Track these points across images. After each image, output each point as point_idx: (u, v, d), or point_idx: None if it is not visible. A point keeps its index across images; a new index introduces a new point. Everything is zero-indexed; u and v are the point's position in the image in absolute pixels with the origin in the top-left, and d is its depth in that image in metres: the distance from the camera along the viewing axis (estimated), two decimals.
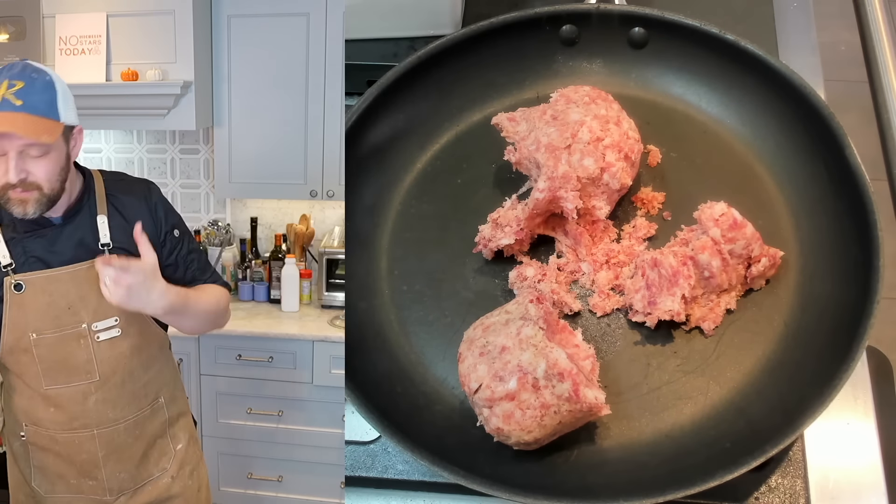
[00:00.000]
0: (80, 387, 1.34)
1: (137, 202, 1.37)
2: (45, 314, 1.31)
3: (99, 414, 1.36)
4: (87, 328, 1.32)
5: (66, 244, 1.32)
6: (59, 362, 1.33)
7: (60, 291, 1.31)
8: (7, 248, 1.30)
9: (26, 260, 1.31)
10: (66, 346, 1.32)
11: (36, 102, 1.20)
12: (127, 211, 1.36)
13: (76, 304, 1.31)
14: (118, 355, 1.36)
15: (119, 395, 1.37)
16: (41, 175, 1.23)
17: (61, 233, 1.32)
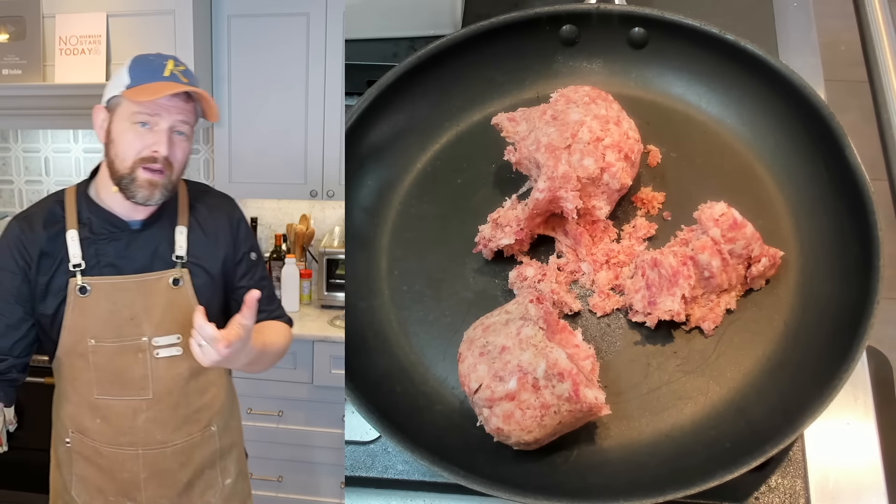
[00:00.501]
0: (132, 402, 1.28)
1: (220, 218, 1.33)
2: (106, 322, 1.25)
3: (147, 434, 1.30)
4: (147, 342, 1.27)
5: (141, 251, 1.27)
6: (113, 373, 1.27)
7: (125, 300, 1.26)
8: (80, 249, 1.24)
9: (97, 263, 1.25)
10: (124, 357, 1.27)
11: (197, 84, 1.22)
12: (208, 225, 1.31)
13: (139, 315, 1.26)
14: (175, 375, 1.29)
15: (170, 417, 1.31)
16: (180, 155, 1.22)
17: (137, 238, 1.27)
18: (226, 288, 1.34)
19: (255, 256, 1.36)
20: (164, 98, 1.18)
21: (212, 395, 1.36)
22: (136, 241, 1.27)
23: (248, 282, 1.34)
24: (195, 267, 1.29)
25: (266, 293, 1.35)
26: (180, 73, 1.20)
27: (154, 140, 1.19)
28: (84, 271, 1.25)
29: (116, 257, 1.26)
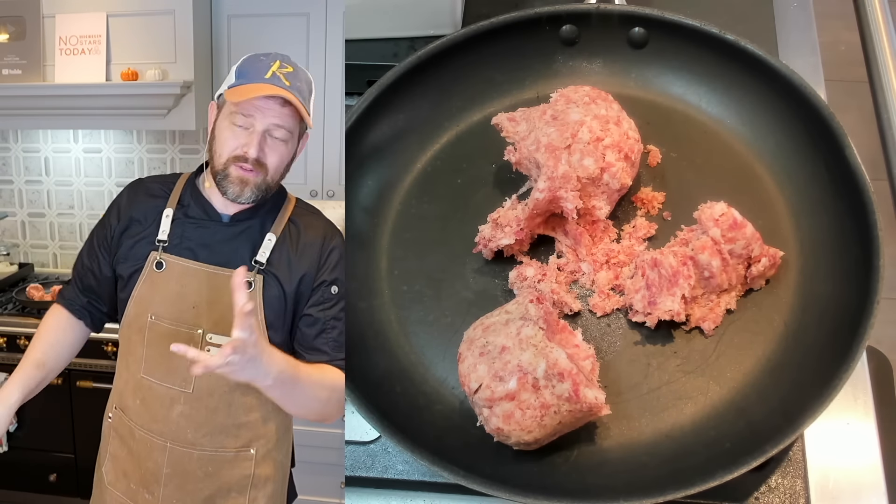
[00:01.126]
0: (171, 391, 1.27)
1: (314, 238, 1.29)
2: (170, 303, 1.26)
3: (178, 428, 1.27)
4: (201, 334, 1.25)
5: (223, 245, 1.26)
6: (162, 355, 1.25)
7: (193, 287, 1.25)
8: (170, 227, 1.28)
9: (180, 242, 1.27)
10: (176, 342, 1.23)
11: (301, 89, 1.20)
12: (299, 242, 1.28)
13: (202, 305, 1.25)
14: (219, 379, 1.20)
15: (205, 419, 1.27)
16: (274, 159, 1.21)
17: (223, 231, 1.27)
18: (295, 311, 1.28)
19: (335, 290, 1.27)
20: (260, 100, 1.18)
21: (259, 417, 1.30)
22: (222, 233, 1.27)
23: (316, 311, 1.27)
24: (271, 277, 1.25)
25: (333, 335, 1.28)
26: (283, 76, 1.19)
27: (247, 140, 1.19)
28: (166, 248, 1.27)
29: (198, 244, 1.27)
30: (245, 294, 1.07)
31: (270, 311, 1.25)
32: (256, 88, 1.17)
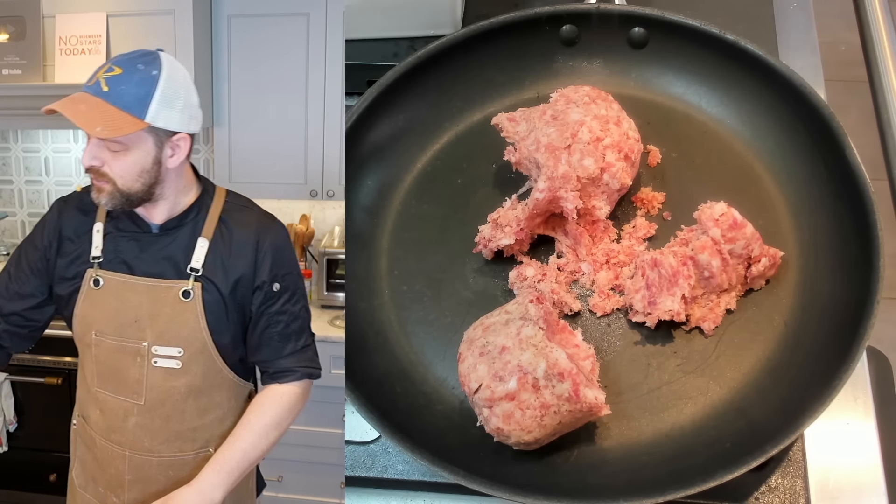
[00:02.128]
0: (124, 403, 1.27)
1: (246, 237, 1.26)
2: (110, 319, 1.25)
3: (135, 438, 1.28)
4: (146, 347, 1.24)
5: (156, 256, 1.24)
6: (111, 370, 1.26)
7: (132, 302, 1.24)
8: (102, 242, 1.25)
9: (114, 258, 1.25)
10: (122, 358, 1.25)
11: (122, 94, 1.12)
12: (231, 244, 1.25)
13: (143, 319, 1.24)
14: (170, 388, 1.25)
15: (161, 428, 1.27)
16: (115, 170, 1.16)
17: (154, 243, 1.24)
18: (244, 312, 1.28)
19: (277, 287, 1.26)
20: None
21: (214, 418, 1.30)
22: (154, 244, 1.25)
23: (258, 311, 1.27)
24: (209, 282, 1.23)
25: (281, 329, 1.28)
26: (104, 80, 1.13)
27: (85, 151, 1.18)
28: (101, 264, 1.25)
29: (132, 256, 1.25)
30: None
31: (212, 317, 1.24)
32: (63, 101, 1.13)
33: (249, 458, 1.26)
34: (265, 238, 1.27)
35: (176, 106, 1.18)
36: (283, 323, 1.28)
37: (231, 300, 1.25)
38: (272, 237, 1.28)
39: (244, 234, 1.26)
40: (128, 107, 1.13)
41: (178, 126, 1.18)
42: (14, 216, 3.08)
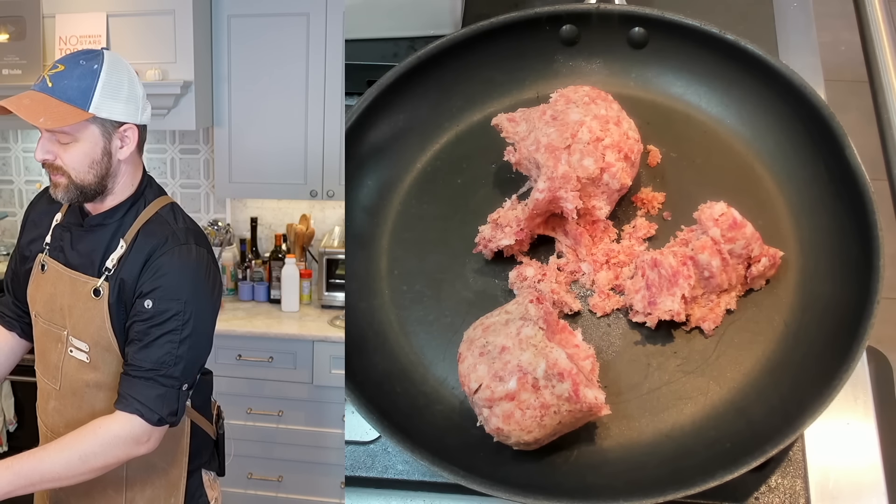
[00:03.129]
0: (47, 386, 1.33)
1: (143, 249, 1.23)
2: (45, 303, 1.31)
3: (54, 421, 1.32)
4: (66, 335, 1.28)
5: (82, 250, 1.27)
6: (42, 351, 1.33)
7: (60, 289, 1.28)
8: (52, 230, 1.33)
9: (56, 246, 1.31)
10: (48, 341, 1.31)
11: (65, 88, 1.17)
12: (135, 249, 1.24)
13: (65, 309, 1.27)
14: (80, 380, 1.28)
15: (73, 416, 1.29)
16: (67, 161, 1.20)
17: (82, 237, 1.28)
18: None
19: (148, 304, 1.20)
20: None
21: None
22: (83, 238, 1.28)
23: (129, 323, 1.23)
24: (117, 282, 1.23)
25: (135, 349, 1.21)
26: (48, 77, 1.18)
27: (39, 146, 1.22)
28: (49, 252, 1.32)
29: (66, 246, 1.30)
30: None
31: (115, 316, 1.24)
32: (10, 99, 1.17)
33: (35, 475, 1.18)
34: (161, 251, 1.22)
35: (119, 97, 1.21)
36: (141, 344, 1.21)
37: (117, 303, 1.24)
38: (167, 256, 1.22)
39: (146, 242, 1.24)
40: (71, 99, 1.17)
41: (123, 116, 1.22)
42: (14, 216, 3.08)
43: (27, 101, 1.17)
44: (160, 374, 1.21)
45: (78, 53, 1.21)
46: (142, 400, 1.20)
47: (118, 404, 1.22)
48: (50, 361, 1.31)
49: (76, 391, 1.29)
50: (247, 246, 2.95)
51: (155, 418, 1.21)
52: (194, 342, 1.24)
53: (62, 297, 1.28)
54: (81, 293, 1.26)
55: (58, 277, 1.29)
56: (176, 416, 1.24)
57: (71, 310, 1.27)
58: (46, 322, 1.31)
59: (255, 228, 2.94)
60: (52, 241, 1.32)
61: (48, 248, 1.32)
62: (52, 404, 1.32)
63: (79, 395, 1.29)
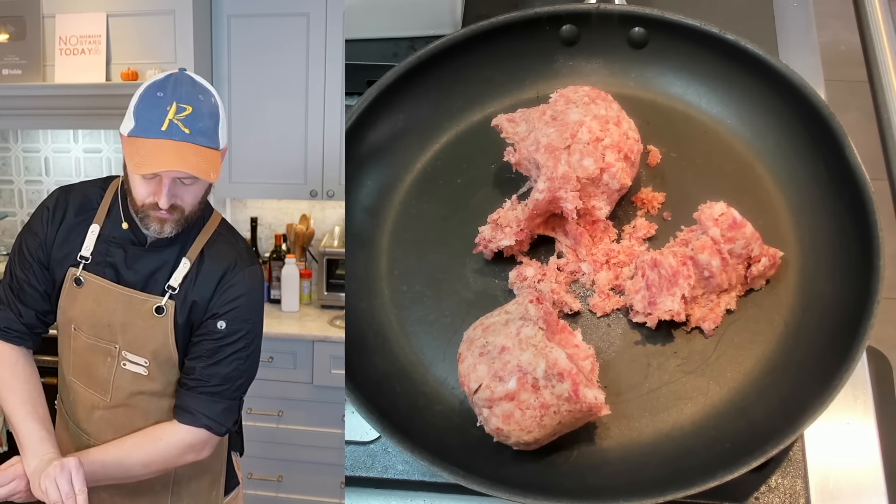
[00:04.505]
0: (93, 397, 1.30)
1: (213, 272, 1.25)
2: (87, 318, 1.27)
3: (99, 429, 1.31)
4: (117, 350, 1.27)
5: (142, 268, 1.26)
6: (84, 364, 1.30)
7: (108, 307, 1.26)
8: (94, 244, 1.26)
9: (102, 261, 1.26)
10: (95, 355, 1.28)
11: (203, 130, 1.14)
12: (199, 272, 1.25)
13: (116, 326, 1.26)
14: (136, 391, 1.28)
15: (124, 424, 1.29)
16: (188, 200, 1.19)
17: (142, 256, 1.26)
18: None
19: (221, 325, 1.24)
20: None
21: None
22: (143, 256, 1.26)
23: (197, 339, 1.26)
24: (180, 300, 1.25)
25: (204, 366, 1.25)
26: (181, 123, 1.13)
27: (156, 189, 1.17)
28: (87, 266, 1.26)
29: (121, 264, 1.26)
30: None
31: (180, 334, 1.26)
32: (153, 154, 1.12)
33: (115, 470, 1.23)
34: (233, 275, 1.25)
35: (225, 124, 1.21)
36: (211, 361, 1.25)
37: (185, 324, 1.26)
38: (240, 276, 1.26)
39: (214, 265, 1.26)
40: (209, 142, 1.15)
41: (226, 140, 1.22)
42: (14, 216, 3.08)
43: (192, 159, 1.12)
44: (227, 389, 1.27)
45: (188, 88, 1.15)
46: (210, 415, 1.25)
47: (184, 419, 1.25)
48: (98, 375, 1.29)
49: (129, 401, 1.29)
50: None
51: (223, 430, 1.28)
52: (255, 357, 1.31)
53: (111, 314, 1.26)
54: (140, 311, 1.25)
55: (104, 294, 1.26)
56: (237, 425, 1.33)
57: (126, 327, 1.25)
58: (92, 337, 1.28)
59: (255, 228, 2.94)
60: (95, 256, 1.26)
61: (86, 262, 1.26)
62: (98, 414, 1.30)
63: (132, 405, 1.29)
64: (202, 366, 1.25)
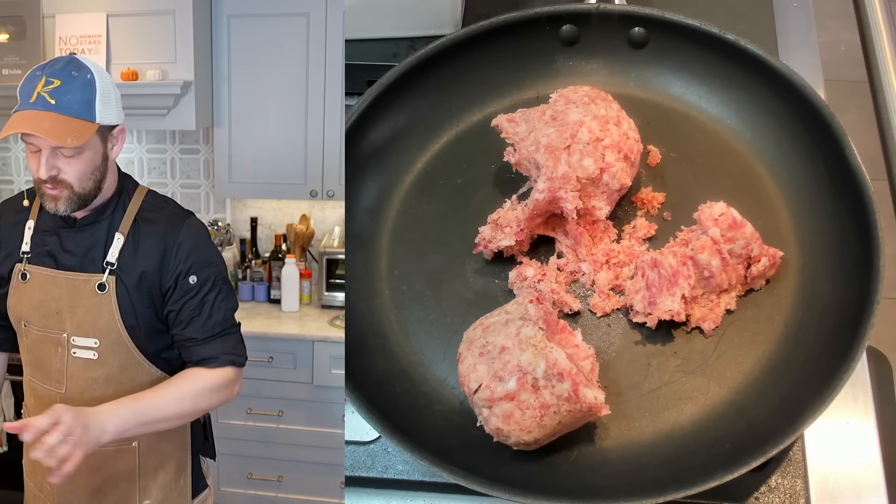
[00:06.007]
0: (50, 392, 1.33)
1: (155, 235, 1.30)
2: (35, 310, 1.32)
3: None
4: (66, 338, 1.30)
5: (77, 249, 1.30)
6: (38, 359, 1.34)
7: (53, 294, 1.30)
8: (31, 238, 1.33)
9: (39, 252, 1.32)
10: (46, 347, 1.32)
11: (70, 102, 1.19)
12: (143, 240, 1.30)
13: (63, 311, 1.30)
14: (89, 378, 1.31)
15: None
16: (72, 173, 1.22)
17: (74, 236, 1.30)
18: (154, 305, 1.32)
19: (193, 280, 1.30)
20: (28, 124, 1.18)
21: None
22: (74, 238, 1.30)
23: (177, 305, 1.31)
24: (120, 276, 1.29)
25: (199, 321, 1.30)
26: (48, 95, 1.18)
27: (37, 164, 1.22)
28: (29, 259, 1.32)
29: (56, 249, 1.31)
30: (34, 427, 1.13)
31: (124, 311, 1.29)
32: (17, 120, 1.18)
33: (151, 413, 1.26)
34: (174, 234, 1.30)
35: (111, 102, 1.25)
36: (204, 314, 1.31)
37: (136, 294, 1.29)
38: (184, 233, 1.31)
39: (152, 230, 1.30)
40: (77, 113, 1.20)
41: (115, 119, 1.26)
42: None
43: (48, 124, 1.17)
44: (227, 327, 1.34)
45: (61, 65, 1.21)
46: (229, 351, 1.33)
47: (209, 365, 1.31)
48: (51, 367, 1.32)
49: (83, 391, 1.31)
50: (247, 246, 2.95)
51: (242, 360, 1.35)
52: (233, 291, 1.38)
53: (57, 300, 1.30)
54: (84, 291, 1.28)
55: (48, 282, 1.30)
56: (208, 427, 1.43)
57: (73, 310, 1.29)
58: (41, 329, 1.32)
59: (255, 228, 2.94)
60: (34, 248, 1.32)
61: (27, 256, 1.32)
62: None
63: (87, 395, 1.31)
64: (199, 322, 1.31)
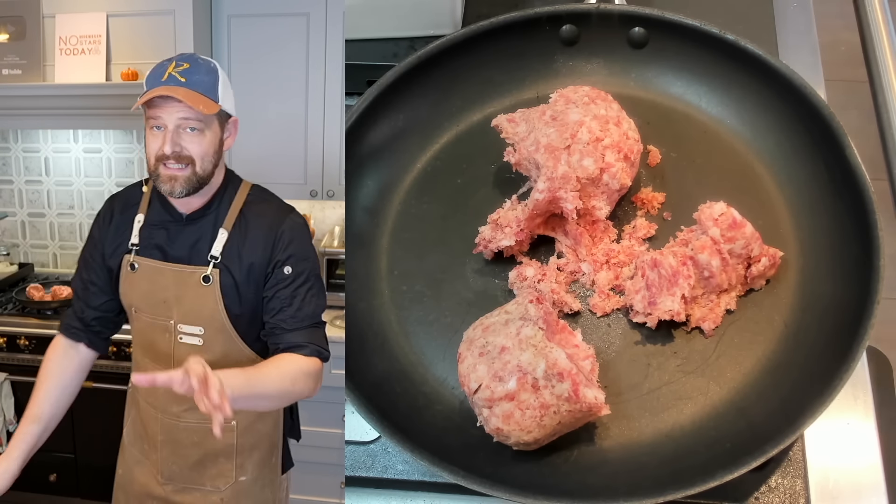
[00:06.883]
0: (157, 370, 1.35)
1: (262, 226, 1.36)
2: (144, 299, 1.39)
3: (165, 402, 1.41)
4: (173, 324, 1.38)
5: (184, 243, 1.37)
6: (148, 342, 1.42)
7: (161, 284, 1.37)
8: (139, 231, 1.40)
9: (147, 245, 1.38)
10: (155, 332, 1.40)
11: (199, 81, 1.26)
12: (248, 231, 1.36)
13: (171, 300, 1.37)
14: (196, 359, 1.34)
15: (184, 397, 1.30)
16: (195, 150, 1.27)
17: (182, 231, 1.37)
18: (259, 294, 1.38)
19: (288, 270, 1.36)
20: (160, 100, 1.25)
21: None
22: (182, 233, 1.37)
23: (269, 292, 1.36)
24: (225, 269, 1.35)
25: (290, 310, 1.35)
26: (178, 74, 1.26)
27: (163, 139, 1.27)
28: (137, 251, 1.39)
29: (164, 243, 1.38)
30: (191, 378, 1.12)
31: (229, 299, 1.36)
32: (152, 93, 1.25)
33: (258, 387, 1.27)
34: (280, 225, 1.36)
35: (229, 93, 1.33)
36: (295, 305, 1.35)
37: (245, 285, 1.36)
38: (288, 225, 1.37)
39: (259, 222, 1.37)
40: (206, 92, 1.27)
41: (232, 109, 1.35)
42: (14, 216, 3.08)
43: (182, 92, 1.23)
44: (316, 321, 1.38)
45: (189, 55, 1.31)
46: (317, 343, 1.36)
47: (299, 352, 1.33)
48: (160, 350, 1.40)
49: None
50: None
51: (327, 355, 1.38)
52: (323, 289, 1.42)
53: (164, 290, 1.37)
54: (189, 283, 1.36)
55: (157, 273, 1.38)
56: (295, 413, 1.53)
57: (179, 300, 1.37)
58: (150, 316, 1.40)
59: None
60: (143, 241, 1.39)
61: (136, 248, 1.39)
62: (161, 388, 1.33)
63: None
64: (290, 312, 1.35)
